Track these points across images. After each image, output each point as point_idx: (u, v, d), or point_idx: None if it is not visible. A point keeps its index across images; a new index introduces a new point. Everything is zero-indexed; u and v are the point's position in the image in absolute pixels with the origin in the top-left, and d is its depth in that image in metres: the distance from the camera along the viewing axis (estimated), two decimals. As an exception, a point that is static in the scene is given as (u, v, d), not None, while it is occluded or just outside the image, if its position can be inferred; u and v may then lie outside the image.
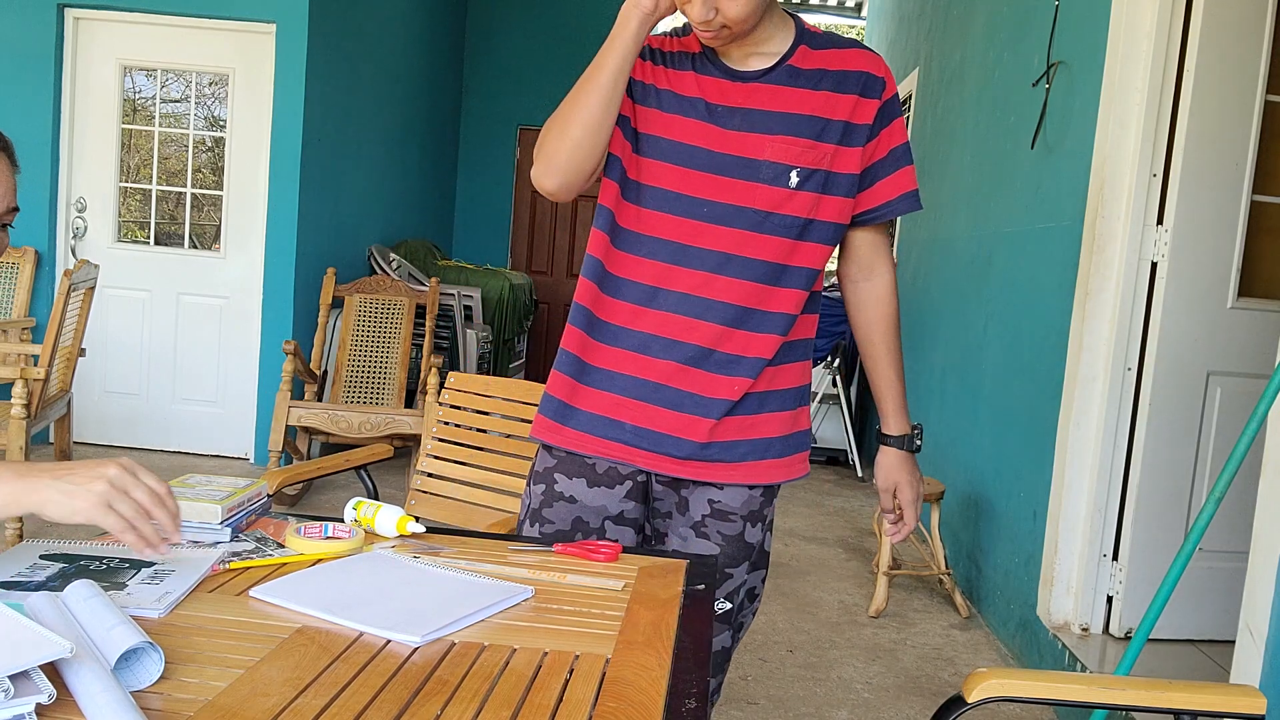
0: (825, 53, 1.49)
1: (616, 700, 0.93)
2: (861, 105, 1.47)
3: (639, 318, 1.50)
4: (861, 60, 1.49)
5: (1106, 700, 1.14)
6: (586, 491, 1.55)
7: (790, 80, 1.47)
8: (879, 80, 1.49)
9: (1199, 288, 2.78)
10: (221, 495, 1.34)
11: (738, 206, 1.46)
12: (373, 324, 4.93)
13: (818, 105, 1.46)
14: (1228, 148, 2.73)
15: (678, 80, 1.49)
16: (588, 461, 1.55)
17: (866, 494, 5.53)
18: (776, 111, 1.46)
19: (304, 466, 1.98)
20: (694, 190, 1.47)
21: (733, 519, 1.56)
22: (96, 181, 5.07)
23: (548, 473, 1.58)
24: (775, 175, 1.45)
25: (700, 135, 1.47)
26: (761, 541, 1.60)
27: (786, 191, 1.45)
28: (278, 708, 0.86)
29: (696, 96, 1.47)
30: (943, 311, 4.73)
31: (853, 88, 1.47)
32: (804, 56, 1.48)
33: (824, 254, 1.52)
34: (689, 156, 1.47)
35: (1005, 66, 3.96)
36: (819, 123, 1.46)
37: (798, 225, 1.47)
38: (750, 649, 3.13)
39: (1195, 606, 2.83)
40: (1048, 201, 3.34)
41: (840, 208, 1.50)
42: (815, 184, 1.46)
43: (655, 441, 1.51)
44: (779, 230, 1.47)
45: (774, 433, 1.55)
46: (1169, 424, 2.82)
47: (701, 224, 1.47)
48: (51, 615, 0.93)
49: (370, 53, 5.88)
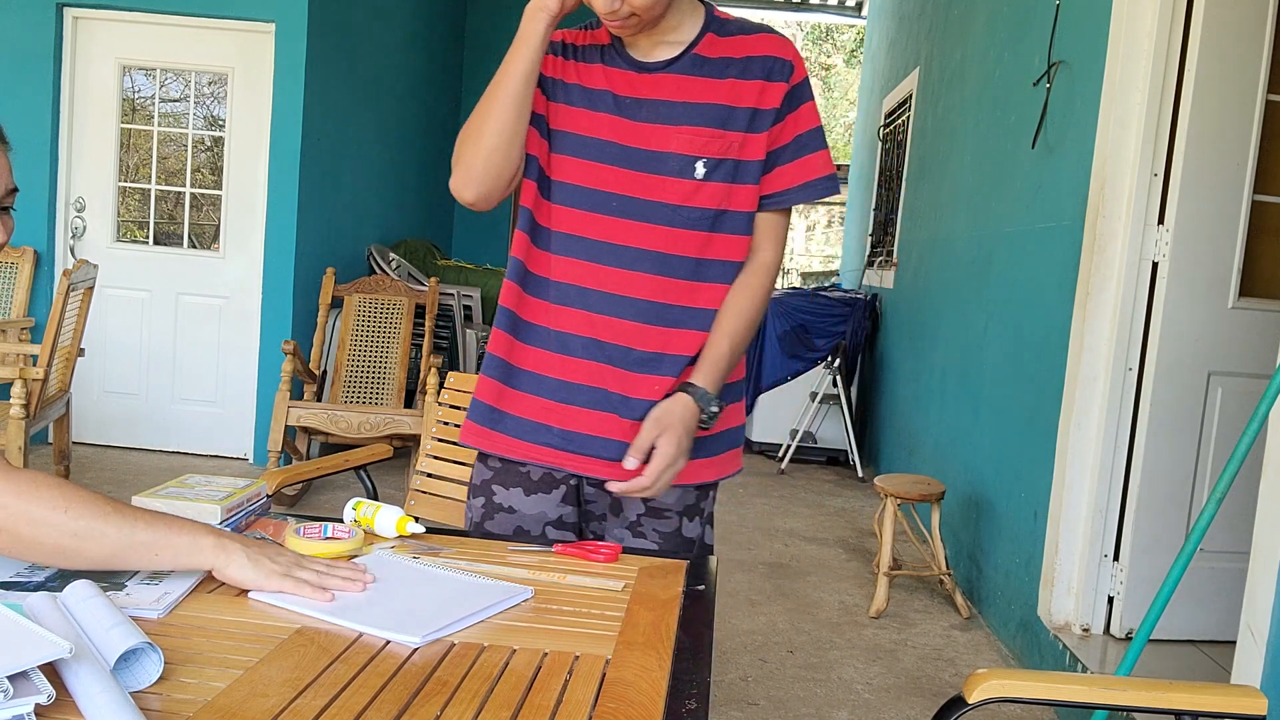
0: (732, 39, 1.46)
1: (616, 701, 0.92)
2: (768, 90, 1.44)
3: (560, 317, 1.48)
4: (768, 45, 1.46)
5: (1107, 701, 1.13)
6: (524, 500, 1.55)
7: (696, 69, 1.45)
8: (786, 64, 1.45)
9: (1200, 288, 2.78)
10: (221, 495, 1.33)
11: (648, 200, 1.45)
12: (372, 324, 4.93)
13: (724, 93, 1.44)
14: (1229, 147, 2.73)
15: (586, 73, 1.48)
16: (522, 469, 1.55)
17: (867, 494, 5.53)
18: (681, 102, 1.44)
19: (303, 467, 1.97)
20: (604, 185, 1.46)
21: (668, 515, 1.54)
22: (96, 181, 5.07)
23: (485, 485, 1.58)
24: (682, 167, 1.43)
25: (608, 129, 1.45)
26: (701, 535, 1.57)
27: (694, 183, 1.43)
28: (277, 708, 0.86)
29: (604, 89, 1.46)
30: (943, 311, 4.72)
31: (758, 73, 1.44)
32: (711, 44, 1.46)
33: (744, 245, 1.49)
34: (598, 151, 1.45)
35: (1006, 66, 3.96)
36: (725, 111, 1.43)
37: (709, 217, 1.45)
38: (750, 650, 3.13)
39: (1196, 607, 2.83)
40: (1048, 201, 3.33)
41: (752, 196, 1.48)
42: (724, 174, 1.44)
43: (583, 444, 1.49)
44: (690, 223, 1.45)
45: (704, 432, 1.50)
46: (1170, 424, 2.82)
47: (614, 219, 1.45)
48: (51, 615, 0.92)
49: (370, 52, 5.88)
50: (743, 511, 4.94)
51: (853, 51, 19.32)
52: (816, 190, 1.49)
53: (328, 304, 4.92)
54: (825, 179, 1.49)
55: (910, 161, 5.98)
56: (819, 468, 6.25)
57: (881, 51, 7.75)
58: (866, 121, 8.34)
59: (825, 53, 21.46)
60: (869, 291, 6.74)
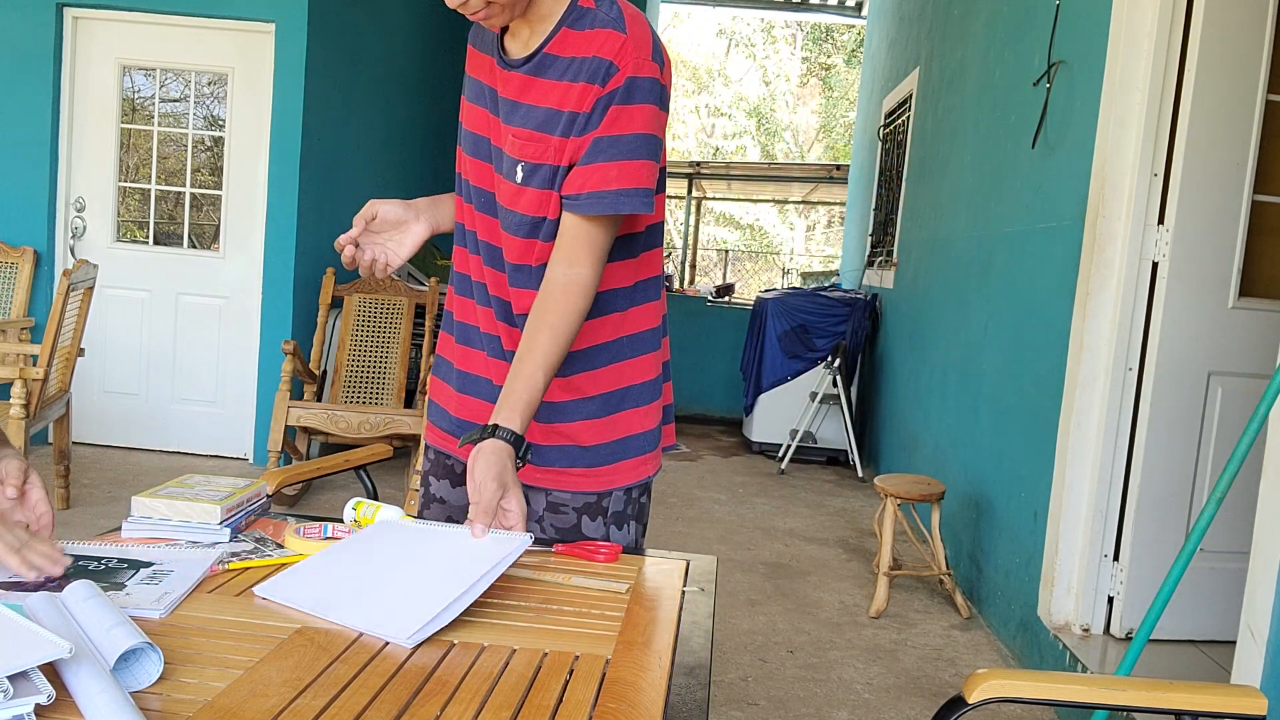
0: (582, 34, 1.35)
1: (616, 701, 0.92)
2: (586, 93, 1.33)
3: (464, 309, 1.53)
4: (600, 42, 1.33)
5: (1107, 701, 1.13)
6: (450, 492, 1.59)
7: (540, 69, 1.38)
8: (604, 64, 1.32)
9: (1200, 288, 2.78)
10: (220, 495, 1.33)
11: (493, 198, 1.45)
12: (372, 324, 4.93)
13: (554, 96, 1.36)
14: (1229, 147, 2.73)
15: (481, 65, 1.48)
16: (448, 461, 1.59)
17: (867, 494, 5.53)
18: (520, 103, 1.39)
19: (303, 467, 1.97)
20: (476, 180, 1.48)
21: (565, 511, 1.49)
22: (95, 181, 5.06)
23: (424, 475, 1.63)
24: (509, 169, 1.40)
25: (483, 123, 1.46)
26: (605, 535, 1.50)
27: (515, 187, 1.40)
28: (277, 708, 0.86)
29: (487, 84, 1.46)
30: (943, 311, 4.72)
31: (584, 75, 1.34)
32: (563, 41, 1.36)
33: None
34: (473, 144, 1.47)
35: (1006, 66, 3.96)
36: (550, 115, 1.36)
37: (528, 223, 1.40)
38: (750, 649, 3.13)
39: (1196, 607, 2.83)
40: (1048, 201, 3.33)
41: None
42: (542, 180, 1.37)
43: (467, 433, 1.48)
44: (514, 228, 1.42)
45: (582, 441, 1.46)
46: (1170, 424, 2.82)
47: (482, 215, 1.47)
48: (51, 616, 0.92)
49: (370, 52, 5.88)
50: (743, 511, 4.94)
51: (853, 51, 19.31)
52: (603, 203, 1.33)
53: (328, 304, 4.92)
54: (615, 193, 1.32)
55: (910, 161, 5.98)
56: (819, 468, 6.24)
57: (881, 51, 7.75)
58: (866, 121, 8.34)
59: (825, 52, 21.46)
60: (869, 291, 6.73)
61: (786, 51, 22.48)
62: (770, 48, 22.38)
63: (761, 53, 22.47)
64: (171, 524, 1.30)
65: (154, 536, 1.30)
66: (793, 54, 22.48)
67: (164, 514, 1.31)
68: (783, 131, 22.59)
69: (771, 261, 20.03)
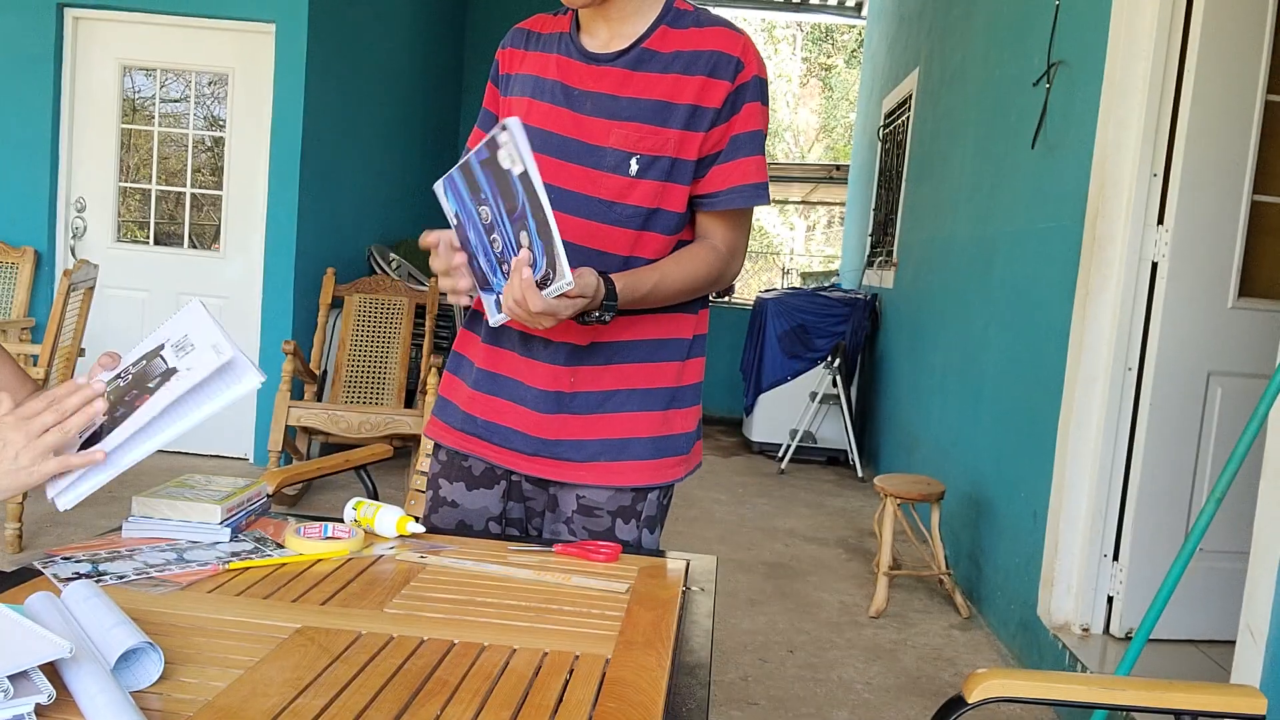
0: (685, 33, 1.41)
1: (616, 701, 0.92)
2: (710, 87, 1.39)
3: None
4: (716, 39, 1.40)
5: (1107, 700, 1.13)
6: (466, 495, 1.56)
7: (642, 64, 1.41)
8: (732, 60, 1.39)
9: (1199, 288, 2.78)
10: (221, 495, 1.34)
11: (583, 195, 1.43)
12: (372, 324, 4.93)
13: (665, 89, 1.40)
14: (1228, 147, 2.73)
15: (541, 63, 1.47)
16: (464, 463, 1.56)
17: (867, 494, 5.53)
18: (623, 96, 1.41)
19: (303, 466, 1.97)
20: (545, 177, 1.42)
21: (598, 514, 1.50)
22: (96, 181, 5.07)
23: (434, 478, 1.60)
24: (617, 163, 1.40)
25: (552, 120, 1.43)
26: (638, 539, 1.52)
27: (628, 180, 1.40)
28: (277, 708, 0.86)
29: (555, 80, 1.45)
30: (943, 311, 4.72)
31: (702, 69, 1.39)
32: (663, 38, 1.41)
33: (666, 245, 1.47)
34: (542, 142, 1.42)
35: (1005, 66, 3.96)
36: (664, 107, 1.39)
37: (641, 215, 1.42)
38: (750, 649, 3.13)
39: (1196, 607, 2.83)
40: (1048, 201, 3.33)
41: (684, 196, 1.45)
42: (659, 172, 1.41)
43: (504, 437, 1.49)
44: (622, 221, 1.42)
45: (633, 433, 1.48)
46: (1169, 424, 2.82)
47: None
48: (51, 615, 0.92)
49: (370, 52, 5.88)
50: (743, 511, 4.94)
51: (853, 51, 19.32)
52: (744, 196, 1.44)
53: (328, 304, 4.92)
54: (754, 186, 1.44)
55: (910, 161, 5.98)
56: (819, 468, 6.24)
57: (881, 51, 7.75)
58: (866, 121, 8.33)
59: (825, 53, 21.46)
60: (869, 291, 6.73)
61: (787, 52, 22.49)
62: (770, 48, 22.38)
63: (762, 53, 22.46)
64: (172, 524, 1.30)
65: (155, 536, 1.30)
66: (793, 54, 22.48)
67: (165, 514, 1.31)
68: (783, 132, 22.59)
69: (771, 261, 20.03)
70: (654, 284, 1.40)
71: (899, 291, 5.91)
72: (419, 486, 2.30)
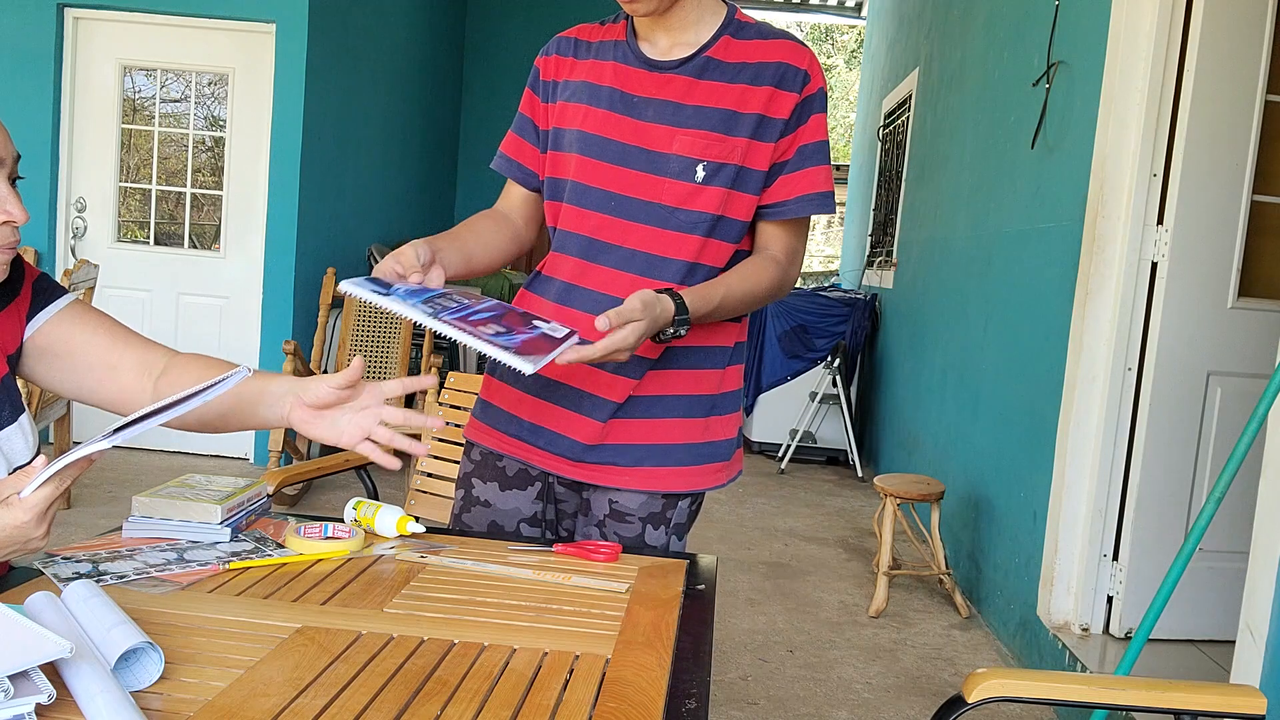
0: (749, 43, 1.44)
1: (616, 700, 0.93)
2: (777, 98, 1.42)
3: (550, 313, 1.48)
4: (782, 51, 1.43)
5: (1107, 700, 1.14)
6: (499, 495, 1.56)
7: (707, 72, 1.43)
8: (799, 73, 1.42)
9: (1199, 288, 2.78)
10: (221, 495, 1.34)
11: (645, 201, 1.43)
12: (373, 324, 4.93)
13: (732, 98, 1.41)
14: (1228, 147, 2.73)
15: (596, 71, 1.47)
16: (499, 464, 1.56)
17: (867, 494, 5.53)
18: (689, 104, 1.42)
19: (304, 466, 1.98)
20: (604, 183, 1.44)
21: (630, 520, 1.51)
22: (96, 181, 5.07)
23: (466, 478, 1.60)
24: (682, 169, 1.41)
25: (611, 126, 1.44)
26: (666, 545, 1.53)
27: (693, 186, 1.41)
28: (277, 708, 0.86)
29: (612, 87, 1.45)
30: (943, 311, 4.73)
31: (769, 80, 1.42)
32: (726, 47, 1.44)
33: (728, 252, 1.48)
34: (600, 148, 1.44)
35: (1005, 66, 3.96)
36: (730, 116, 1.41)
37: (706, 221, 1.43)
38: (750, 649, 3.13)
39: (1195, 607, 2.83)
40: (1048, 201, 3.33)
41: (750, 205, 1.46)
42: (725, 179, 1.42)
43: (549, 440, 1.50)
44: (686, 227, 1.43)
45: (675, 439, 1.49)
46: (1169, 424, 2.82)
47: (611, 218, 1.44)
48: (51, 615, 0.92)
49: (370, 52, 5.88)
50: (743, 511, 4.94)
51: (853, 52, 19.32)
52: (813, 205, 1.46)
53: (328, 304, 4.92)
54: (822, 195, 1.46)
55: (910, 161, 5.98)
56: (819, 468, 6.24)
57: (881, 52, 7.75)
58: (866, 121, 8.33)
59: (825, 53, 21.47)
60: (869, 291, 6.73)
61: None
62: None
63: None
64: (172, 524, 1.30)
65: (155, 536, 1.30)
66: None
67: (165, 514, 1.31)
68: (783, 131, 22.58)
69: (772, 261, 19.97)
70: (722, 297, 1.41)
71: (899, 291, 5.91)
72: (419, 486, 2.30)
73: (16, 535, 0.99)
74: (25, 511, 0.98)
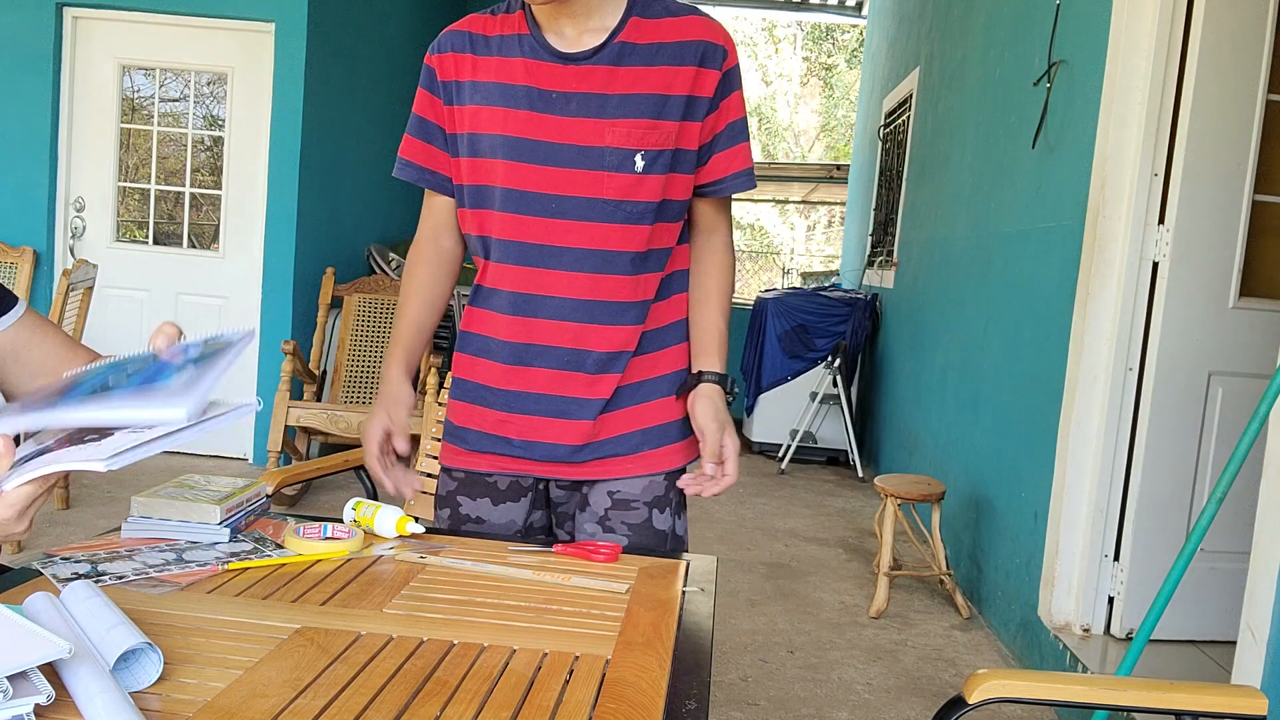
0: (660, 22, 1.40)
1: (616, 701, 0.92)
2: (702, 76, 1.40)
3: (510, 328, 1.45)
4: (699, 29, 1.40)
5: (1108, 701, 1.13)
6: (492, 510, 1.54)
7: (624, 58, 1.38)
8: (719, 49, 1.40)
9: (1200, 288, 2.77)
10: (220, 495, 1.33)
11: (587, 199, 1.39)
12: (372, 324, 4.93)
13: (658, 82, 1.38)
14: (1229, 147, 2.73)
15: (504, 69, 1.40)
16: (489, 480, 1.53)
17: (867, 494, 5.53)
18: (614, 94, 1.37)
19: (303, 467, 1.97)
20: (538, 186, 1.39)
21: (636, 506, 1.50)
22: (95, 181, 5.06)
23: (450, 496, 1.56)
24: (619, 161, 1.38)
25: (534, 127, 1.38)
26: (672, 527, 1.53)
27: (635, 177, 1.38)
28: (277, 708, 0.86)
29: (528, 85, 1.39)
30: (943, 311, 4.72)
31: (691, 59, 1.39)
32: (637, 29, 1.39)
33: (675, 232, 1.48)
34: (528, 151, 1.38)
35: (1006, 66, 3.96)
36: (660, 100, 1.38)
37: (652, 210, 1.41)
38: (751, 650, 3.13)
39: (1197, 607, 2.83)
40: (1048, 201, 3.33)
41: (687, 184, 1.46)
42: (663, 165, 1.40)
43: (547, 451, 1.48)
44: (633, 218, 1.41)
45: (667, 418, 1.51)
46: (1170, 424, 2.82)
47: (553, 220, 1.40)
48: (50, 615, 0.92)
49: (369, 52, 5.88)
50: (743, 511, 4.94)
51: (853, 51, 19.32)
52: (743, 181, 1.48)
53: (327, 304, 4.92)
54: (749, 171, 1.49)
55: (910, 161, 5.98)
56: (819, 468, 6.24)
57: (882, 51, 7.75)
58: (866, 121, 8.33)
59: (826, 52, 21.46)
60: (869, 291, 6.73)
61: (787, 51, 22.49)
62: (771, 47, 22.38)
63: (763, 52, 22.47)
64: (171, 524, 1.30)
65: (154, 536, 1.30)
66: (793, 54, 22.48)
67: (164, 514, 1.31)
68: (783, 131, 22.59)
69: (772, 261, 20.03)
70: (722, 323, 1.50)
71: (899, 291, 5.91)
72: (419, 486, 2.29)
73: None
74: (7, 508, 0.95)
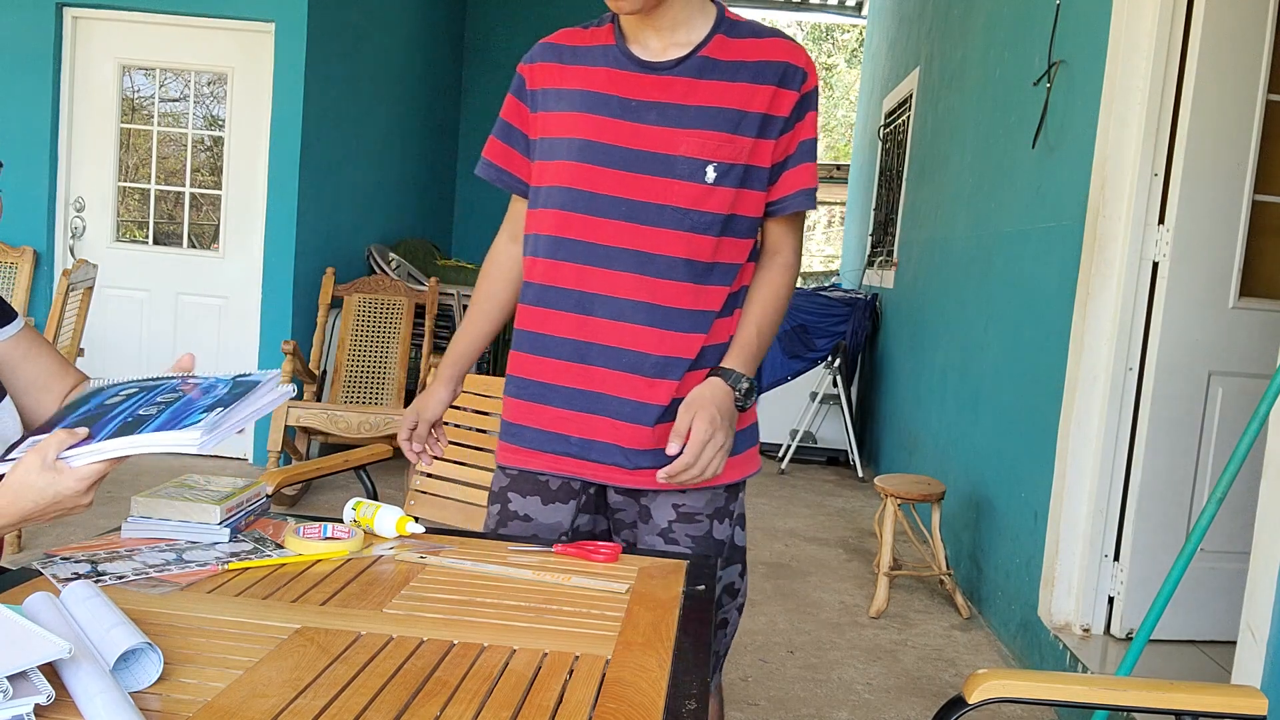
0: (744, 42, 1.45)
1: (616, 701, 0.92)
2: (780, 96, 1.44)
3: (574, 326, 1.47)
4: (781, 50, 1.45)
5: (1108, 701, 1.13)
6: (541, 509, 1.55)
7: (705, 72, 1.43)
8: (799, 71, 1.45)
9: (1200, 288, 2.77)
10: (220, 495, 1.34)
11: (656, 204, 1.43)
12: (372, 324, 4.93)
13: (735, 97, 1.43)
14: (1229, 147, 2.73)
15: (589, 77, 1.47)
16: (540, 478, 1.54)
17: (867, 494, 5.53)
18: (692, 105, 1.43)
19: (303, 467, 1.97)
20: (609, 189, 1.44)
21: (699, 519, 1.52)
22: (95, 181, 5.06)
23: (502, 492, 1.58)
24: (692, 171, 1.42)
25: (612, 133, 1.44)
26: (731, 536, 1.56)
27: (705, 187, 1.43)
28: (277, 709, 0.86)
29: (609, 93, 1.45)
30: (943, 311, 4.72)
31: (771, 78, 1.44)
32: (721, 46, 1.45)
33: (746, 248, 1.50)
34: (602, 154, 1.44)
35: (1006, 66, 3.96)
36: (737, 115, 1.43)
37: (719, 221, 1.44)
38: (751, 650, 3.12)
39: (1196, 607, 2.83)
40: (1048, 201, 3.33)
41: (758, 201, 1.48)
42: (734, 178, 1.44)
43: (603, 452, 1.49)
44: (700, 227, 1.44)
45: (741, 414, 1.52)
46: (1170, 424, 2.82)
47: (621, 223, 1.44)
48: (50, 616, 0.92)
49: (370, 52, 5.88)
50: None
51: (853, 51, 19.32)
52: (807, 199, 1.50)
53: (327, 304, 4.92)
54: (813, 190, 1.51)
55: (910, 161, 5.98)
56: (819, 468, 6.24)
57: (882, 51, 7.75)
58: (866, 121, 8.33)
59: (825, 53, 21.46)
60: (869, 291, 6.73)
61: (787, 51, 22.47)
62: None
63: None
64: (171, 524, 1.30)
65: (154, 536, 1.30)
66: (793, 54, 22.46)
67: (164, 514, 1.31)
68: (783, 131, 22.58)
69: (772, 261, 19.97)
70: (757, 331, 1.49)
71: (899, 291, 5.91)
72: (418, 487, 2.30)
73: (66, 502, 1.07)
74: (79, 481, 1.07)
